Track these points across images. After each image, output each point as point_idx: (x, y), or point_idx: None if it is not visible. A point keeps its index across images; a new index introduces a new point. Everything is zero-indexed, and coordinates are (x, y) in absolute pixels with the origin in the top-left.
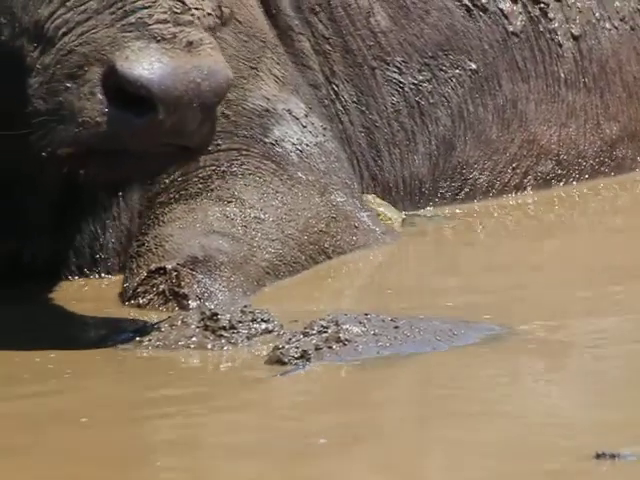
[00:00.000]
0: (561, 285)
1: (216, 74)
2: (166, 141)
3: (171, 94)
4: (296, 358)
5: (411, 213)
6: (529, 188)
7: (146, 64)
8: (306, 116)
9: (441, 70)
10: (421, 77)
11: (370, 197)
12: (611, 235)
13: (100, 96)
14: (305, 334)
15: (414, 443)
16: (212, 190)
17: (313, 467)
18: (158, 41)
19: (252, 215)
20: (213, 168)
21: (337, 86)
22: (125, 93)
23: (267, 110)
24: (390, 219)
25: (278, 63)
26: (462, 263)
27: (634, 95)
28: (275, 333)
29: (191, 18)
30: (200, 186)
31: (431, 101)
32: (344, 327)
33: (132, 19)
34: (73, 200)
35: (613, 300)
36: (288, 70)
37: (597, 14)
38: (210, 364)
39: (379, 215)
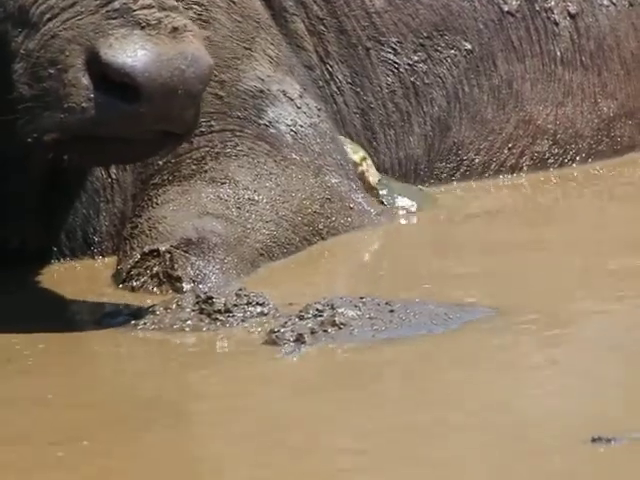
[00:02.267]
0: (557, 268)
1: (200, 61)
2: (152, 127)
3: (155, 81)
4: (291, 341)
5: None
6: (525, 168)
7: (130, 51)
8: (300, 97)
9: (436, 50)
10: (416, 57)
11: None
12: (608, 216)
13: (85, 81)
14: (300, 317)
15: (410, 427)
16: (206, 171)
17: (305, 450)
18: (143, 27)
19: (246, 196)
20: (207, 149)
21: (331, 67)
22: (110, 79)
23: (261, 91)
24: (366, 158)
25: (272, 44)
26: (457, 245)
27: (632, 72)
28: (270, 316)
29: (175, 3)
30: (194, 167)
31: (426, 82)
32: (339, 311)
33: (117, 4)
34: (61, 184)
35: (611, 283)
36: (282, 51)
37: None
38: (205, 347)
39: (355, 153)
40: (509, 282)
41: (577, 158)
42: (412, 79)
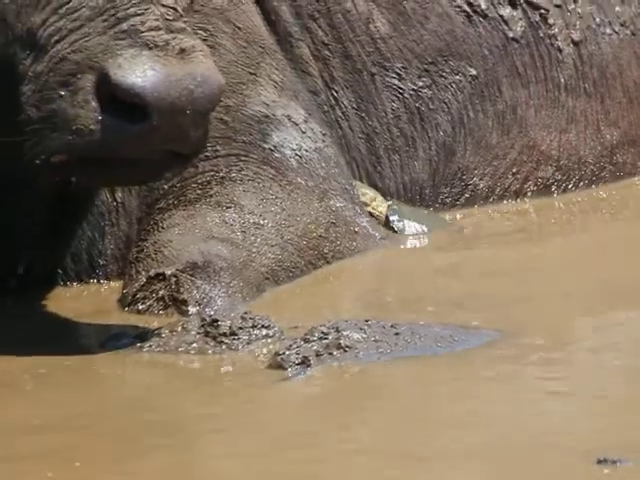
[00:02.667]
0: (561, 292)
1: (209, 81)
2: (160, 148)
3: (164, 101)
4: (297, 364)
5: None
6: (529, 194)
7: (139, 72)
8: (305, 122)
9: (441, 76)
10: (421, 83)
11: (354, 182)
12: (611, 242)
13: (94, 104)
14: (306, 340)
15: (415, 448)
16: (211, 196)
17: (312, 471)
18: (150, 48)
19: (251, 221)
20: (212, 174)
21: (336, 92)
22: (118, 100)
23: (266, 116)
24: (375, 199)
25: (277, 69)
26: (462, 269)
27: (634, 100)
28: (276, 339)
29: (183, 25)
30: (199, 192)
31: (431, 107)
32: (345, 333)
33: (124, 26)
34: (68, 207)
35: (613, 306)
36: (287, 76)
37: (597, 19)
38: (210, 370)
39: (364, 195)
40: (514, 305)
41: (580, 184)
42: (417, 104)
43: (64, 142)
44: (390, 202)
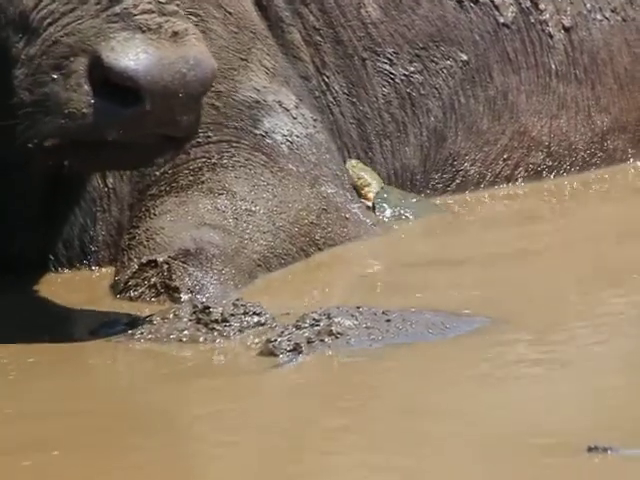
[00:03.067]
0: (553, 278)
1: (202, 64)
2: (152, 131)
3: (157, 84)
4: (288, 351)
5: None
6: (520, 179)
7: (132, 55)
8: (296, 107)
9: (432, 61)
10: (412, 68)
11: (354, 161)
12: (602, 227)
13: (86, 87)
14: (297, 327)
15: (406, 436)
16: (203, 182)
17: (303, 459)
18: (143, 31)
19: (243, 207)
20: (203, 160)
21: (328, 77)
22: (111, 84)
23: (257, 101)
24: (369, 184)
25: (268, 54)
26: (453, 255)
27: (625, 87)
28: (267, 326)
29: (176, 8)
30: (191, 178)
31: (422, 92)
32: (336, 320)
33: (117, 9)
34: (62, 192)
35: (605, 293)
36: (278, 61)
37: (588, 5)
38: (202, 357)
39: (359, 179)
40: (505, 292)
41: (571, 170)
42: (408, 90)
43: (57, 126)
44: (378, 189)
